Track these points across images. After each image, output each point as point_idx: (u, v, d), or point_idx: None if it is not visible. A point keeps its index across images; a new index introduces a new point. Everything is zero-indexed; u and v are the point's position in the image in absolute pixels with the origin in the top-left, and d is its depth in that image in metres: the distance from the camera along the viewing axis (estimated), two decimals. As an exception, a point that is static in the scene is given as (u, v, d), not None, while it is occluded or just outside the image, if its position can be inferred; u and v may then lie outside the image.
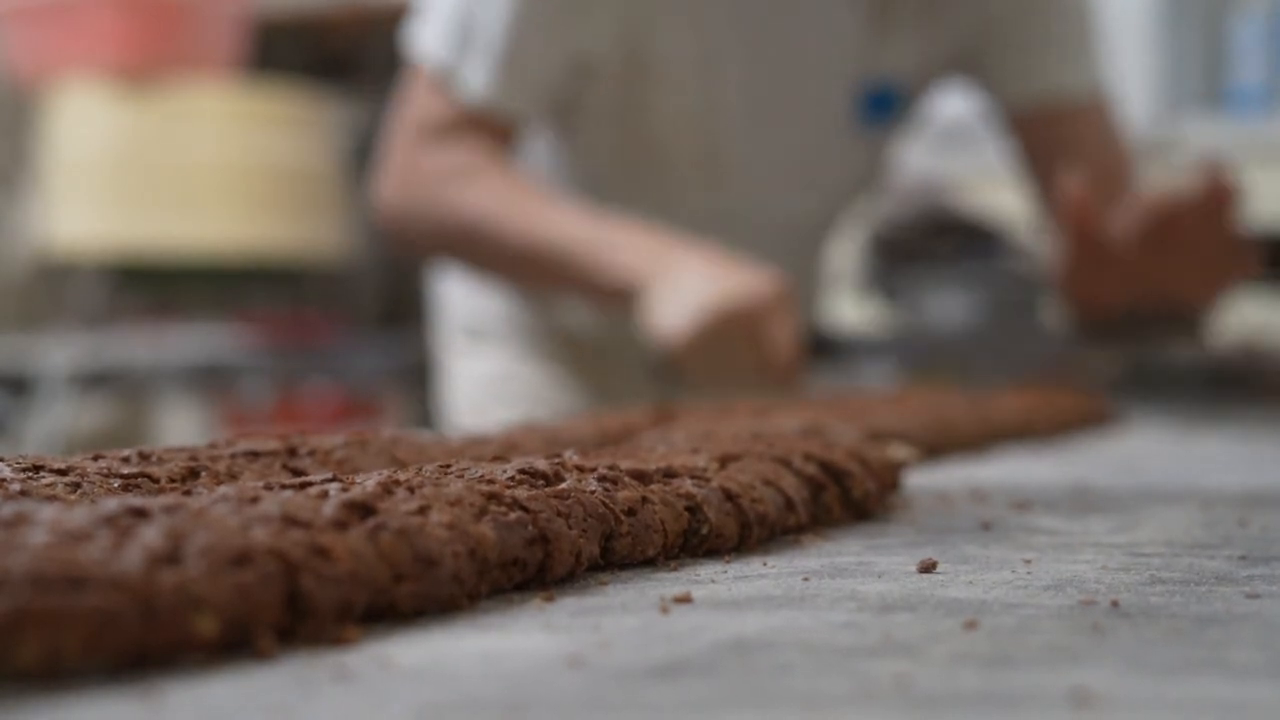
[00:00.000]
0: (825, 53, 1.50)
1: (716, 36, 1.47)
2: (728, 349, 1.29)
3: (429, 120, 1.46)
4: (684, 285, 1.31)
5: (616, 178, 1.52)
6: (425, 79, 1.47)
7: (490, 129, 1.45)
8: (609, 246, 1.36)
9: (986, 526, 0.71)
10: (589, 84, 1.47)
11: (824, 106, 1.52)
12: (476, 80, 1.43)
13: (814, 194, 1.57)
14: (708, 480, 0.64)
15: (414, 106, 1.48)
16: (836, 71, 1.51)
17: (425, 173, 1.45)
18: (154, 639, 0.40)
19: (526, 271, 1.43)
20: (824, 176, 1.56)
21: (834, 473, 0.72)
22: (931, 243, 2.58)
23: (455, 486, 0.53)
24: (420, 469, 0.57)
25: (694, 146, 1.51)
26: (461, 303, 1.63)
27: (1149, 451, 1.20)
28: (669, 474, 0.63)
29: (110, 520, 0.43)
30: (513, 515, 0.53)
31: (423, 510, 0.50)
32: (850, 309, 2.68)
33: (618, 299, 1.36)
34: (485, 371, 1.60)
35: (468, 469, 0.58)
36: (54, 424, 3.38)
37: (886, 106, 1.54)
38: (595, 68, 1.46)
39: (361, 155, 4.03)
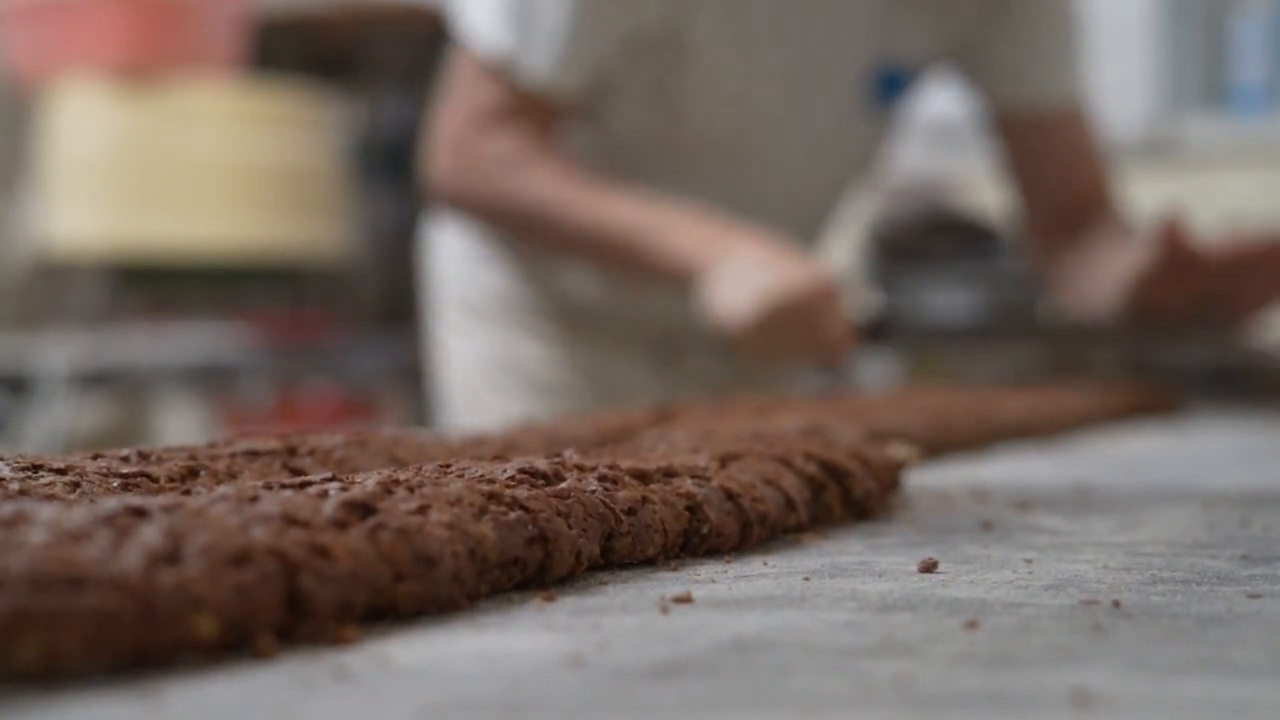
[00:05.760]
0: (848, 35, 1.53)
1: (752, 17, 1.49)
2: (785, 333, 1.34)
3: (483, 105, 1.49)
4: (743, 272, 1.35)
5: (643, 157, 1.54)
6: (478, 64, 1.49)
7: (544, 111, 1.48)
8: (667, 230, 1.40)
9: (987, 526, 0.71)
10: (630, 64, 1.49)
11: (842, 88, 1.55)
12: (538, 65, 1.46)
13: (825, 175, 1.60)
14: (708, 480, 0.64)
15: (467, 90, 1.50)
16: (856, 54, 1.54)
17: (482, 157, 1.49)
18: (154, 639, 0.40)
19: (585, 253, 1.47)
20: (836, 157, 1.60)
21: (834, 472, 0.72)
22: (931, 242, 2.59)
23: (455, 486, 0.53)
24: (420, 469, 0.57)
25: (724, 127, 1.53)
26: (458, 277, 1.63)
27: (1150, 451, 1.20)
28: (669, 473, 0.63)
29: (109, 520, 0.43)
30: (513, 515, 0.53)
31: (423, 510, 0.50)
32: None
33: (676, 282, 1.40)
34: (481, 352, 1.61)
35: (467, 468, 0.58)
36: (53, 423, 3.38)
37: (895, 88, 1.58)
38: (642, 48, 1.48)
39: (362, 155, 4.03)
